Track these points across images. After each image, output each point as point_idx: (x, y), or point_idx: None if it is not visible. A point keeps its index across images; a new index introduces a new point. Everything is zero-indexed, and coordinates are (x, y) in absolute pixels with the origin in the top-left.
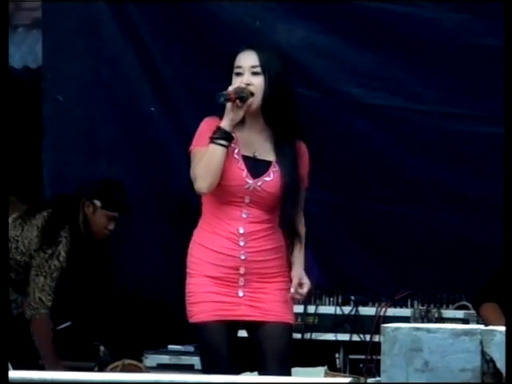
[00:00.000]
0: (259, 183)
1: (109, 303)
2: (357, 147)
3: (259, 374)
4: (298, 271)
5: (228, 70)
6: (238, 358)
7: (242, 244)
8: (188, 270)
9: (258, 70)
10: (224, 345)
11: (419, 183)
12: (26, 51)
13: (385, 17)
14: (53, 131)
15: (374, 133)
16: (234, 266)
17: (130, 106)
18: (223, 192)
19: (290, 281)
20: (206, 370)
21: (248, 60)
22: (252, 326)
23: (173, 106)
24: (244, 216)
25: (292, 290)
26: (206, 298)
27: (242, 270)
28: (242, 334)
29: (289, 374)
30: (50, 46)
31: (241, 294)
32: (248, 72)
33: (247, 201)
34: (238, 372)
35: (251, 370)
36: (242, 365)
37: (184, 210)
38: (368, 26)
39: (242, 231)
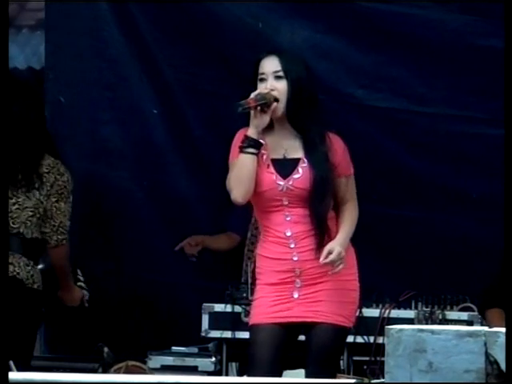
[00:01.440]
0: (290, 182)
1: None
2: (360, 149)
3: (306, 376)
4: (330, 243)
5: (252, 77)
6: (293, 359)
7: (292, 246)
8: (256, 280)
9: (281, 74)
10: (267, 346)
11: (423, 185)
12: (30, 52)
13: (389, 18)
14: (55, 132)
15: (377, 134)
16: (289, 268)
17: (131, 108)
18: (261, 199)
19: (350, 279)
20: (249, 370)
21: (270, 65)
22: (307, 328)
23: (175, 108)
24: (288, 219)
25: (321, 259)
26: (263, 303)
27: (297, 272)
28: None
29: (330, 375)
30: (53, 47)
31: (296, 295)
32: (271, 77)
33: (286, 203)
34: (280, 374)
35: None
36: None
37: (184, 212)
38: (372, 27)
39: (289, 234)
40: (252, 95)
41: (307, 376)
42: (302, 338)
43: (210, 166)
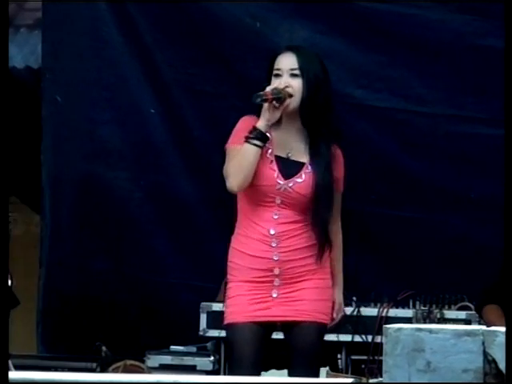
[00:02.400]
0: (290, 184)
1: None
2: (358, 149)
3: (289, 374)
4: (338, 296)
5: (267, 72)
6: (271, 358)
7: (274, 245)
8: (228, 276)
9: (297, 72)
10: (250, 345)
11: (422, 185)
12: (28, 52)
13: (388, 18)
14: (52, 132)
15: (376, 134)
16: (268, 267)
17: (130, 108)
18: (255, 192)
19: (327, 278)
20: (230, 369)
21: (287, 62)
22: (286, 327)
23: (174, 108)
24: (275, 217)
25: (334, 315)
26: (240, 301)
27: (276, 271)
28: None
29: (316, 373)
30: (50, 47)
31: (274, 294)
32: (287, 74)
33: (278, 202)
34: (259, 373)
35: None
36: (276, 365)
37: (182, 212)
38: (371, 27)
39: (273, 232)
40: (268, 88)
41: (292, 375)
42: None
43: (209, 167)
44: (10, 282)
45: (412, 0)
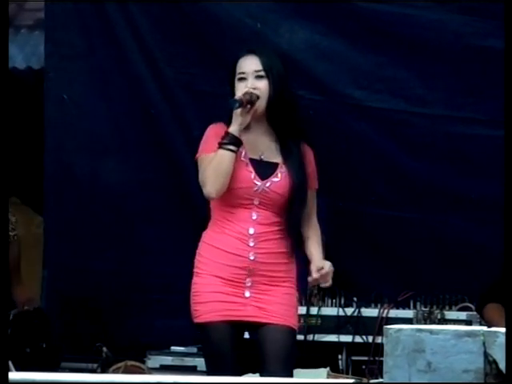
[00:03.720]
0: (267, 184)
1: None
2: (358, 150)
3: (261, 375)
4: (317, 261)
5: (229, 75)
6: (241, 359)
7: (251, 244)
8: (195, 270)
9: (262, 73)
10: (228, 345)
11: (421, 186)
12: (29, 52)
13: (388, 18)
14: (55, 132)
15: (376, 136)
16: (243, 266)
17: (132, 108)
18: (232, 195)
19: (294, 288)
20: (210, 370)
21: (250, 65)
22: (256, 327)
23: (175, 108)
24: (254, 217)
25: (314, 275)
26: (213, 298)
27: (249, 271)
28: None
29: (290, 376)
30: (53, 46)
31: (247, 294)
32: (251, 76)
33: (256, 203)
34: (240, 373)
35: (253, 372)
36: (244, 366)
37: (184, 212)
38: (371, 28)
39: (251, 232)
40: (239, 94)
41: (266, 375)
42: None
43: None
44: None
45: (411, 0)
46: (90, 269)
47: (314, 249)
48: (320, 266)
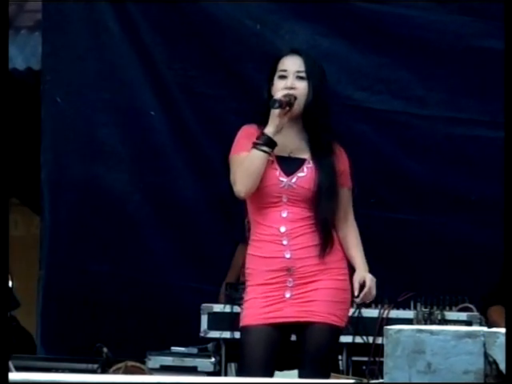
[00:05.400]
0: (293, 180)
1: None
2: (358, 151)
3: (299, 374)
4: (359, 274)
5: (270, 73)
6: (286, 360)
7: (285, 243)
8: (247, 283)
9: (303, 74)
10: (259, 347)
11: (422, 187)
12: (28, 53)
13: (388, 19)
14: (51, 133)
15: (376, 137)
16: (281, 267)
17: (130, 109)
18: (260, 194)
19: (342, 279)
20: (240, 371)
21: (293, 64)
22: (299, 327)
23: (173, 110)
24: (284, 215)
25: (355, 292)
26: (253, 304)
27: (288, 270)
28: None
29: (326, 375)
30: (51, 48)
31: (288, 295)
32: (293, 76)
33: (285, 200)
34: (271, 375)
35: None
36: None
37: (182, 214)
38: (371, 29)
39: (283, 230)
40: (280, 94)
41: (302, 376)
42: (293, 338)
43: (209, 169)
44: (10, 284)
45: (412, 1)
46: (89, 270)
47: (355, 252)
48: (361, 280)
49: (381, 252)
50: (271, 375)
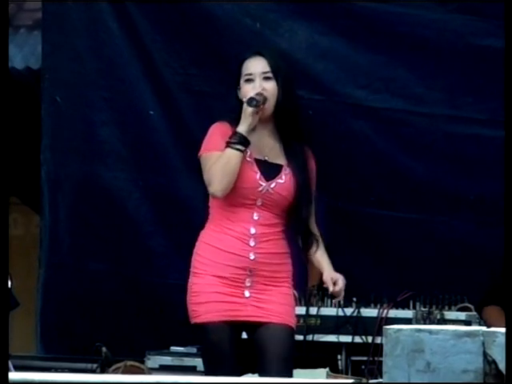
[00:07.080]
0: (272, 185)
1: None
2: (357, 150)
3: (260, 375)
4: (329, 272)
5: (235, 77)
6: (240, 359)
7: (252, 244)
8: (193, 270)
9: (270, 75)
10: (228, 345)
11: (420, 186)
12: (28, 52)
13: (387, 18)
14: (51, 132)
15: (375, 135)
16: (243, 266)
17: (129, 108)
18: (236, 194)
19: (291, 288)
20: (209, 370)
21: (258, 66)
22: (255, 327)
23: (173, 109)
24: (255, 218)
25: (330, 288)
26: (213, 298)
27: (250, 271)
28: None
29: (290, 375)
30: (50, 47)
31: (247, 294)
32: (259, 78)
33: (259, 203)
34: (240, 373)
35: (252, 372)
36: (243, 366)
37: (181, 212)
38: (370, 27)
39: (253, 232)
40: (252, 94)
41: (266, 375)
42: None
43: None
44: (9, 283)
45: (411, 0)
46: (88, 269)
47: (320, 254)
48: (334, 278)
49: (379, 251)
50: (240, 373)
